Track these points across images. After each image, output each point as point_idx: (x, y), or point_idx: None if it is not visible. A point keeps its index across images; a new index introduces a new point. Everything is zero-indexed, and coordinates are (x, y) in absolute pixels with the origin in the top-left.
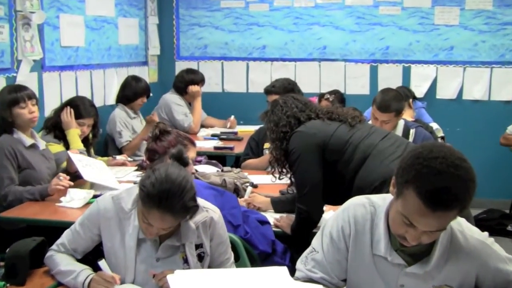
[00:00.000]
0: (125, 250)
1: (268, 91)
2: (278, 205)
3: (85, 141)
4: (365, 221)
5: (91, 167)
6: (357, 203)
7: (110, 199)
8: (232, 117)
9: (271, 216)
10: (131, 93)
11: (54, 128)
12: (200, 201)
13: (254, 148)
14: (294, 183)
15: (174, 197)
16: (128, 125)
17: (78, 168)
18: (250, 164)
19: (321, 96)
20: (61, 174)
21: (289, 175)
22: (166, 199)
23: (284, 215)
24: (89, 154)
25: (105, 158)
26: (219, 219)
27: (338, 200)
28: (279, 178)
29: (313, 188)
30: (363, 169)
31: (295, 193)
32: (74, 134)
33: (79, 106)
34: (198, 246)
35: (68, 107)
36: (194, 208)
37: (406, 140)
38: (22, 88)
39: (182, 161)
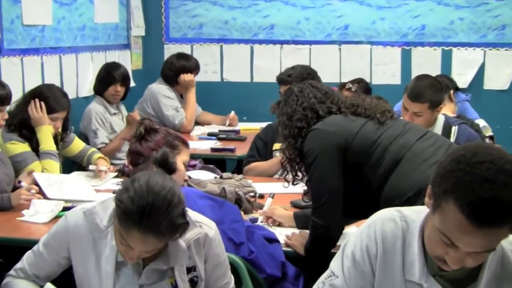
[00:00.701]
0: (101, 276)
1: (283, 80)
2: (302, 220)
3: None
4: (396, 239)
5: (62, 184)
6: (386, 217)
7: (81, 214)
8: (232, 112)
9: (281, 233)
10: (100, 81)
11: (21, 126)
12: (192, 214)
13: (261, 149)
14: (309, 191)
15: (158, 214)
16: (106, 122)
17: (43, 188)
18: (256, 168)
19: (342, 86)
20: (32, 186)
21: (305, 179)
22: (148, 217)
23: (297, 231)
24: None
25: (97, 155)
26: (215, 235)
27: (362, 213)
28: (293, 184)
29: (331, 197)
30: (394, 176)
31: None
32: (47, 132)
33: (49, 98)
34: (190, 269)
35: (37, 101)
36: (183, 226)
37: (449, 141)
38: (4, 84)
39: (168, 167)
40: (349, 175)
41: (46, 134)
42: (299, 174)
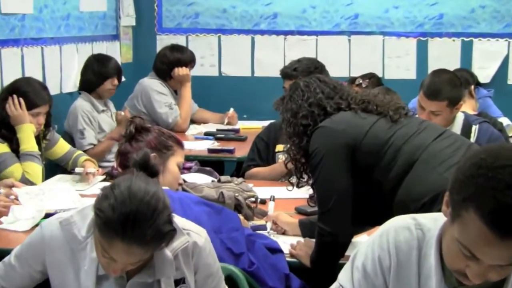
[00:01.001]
0: None
1: (287, 74)
2: (308, 227)
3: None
4: (411, 250)
5: (44, 195)
6: (400, 225)
7: (57, 224)
8: (231, 110)
9: (285, 242)
10: (95, 75)
11: (0, 125)
12: (179, 221)
13: (263, 151)
14: (315, 195)
15: (143, 222)
16: (94, 121)
17: (23, 203)
18: (258, 174)
19: (351, 81)
20: (12, 191)
21: (310, 182)
22: (132, 226)
23: (302, 240)
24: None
25: (84, 157)
26: (205, 244)
27: (373, 220)
28: (298, 186)
29: (339, 201)
30: (408, 179)
31: None
32: (28, 131)
33: (29, 92)
34: (179, 282)
35: (15, 97)
36: (170, 234)
37: (468, 141)
38: None
39: (150, 170)
40: (358, 178)
41: (27, 134)
42: (304, 176)
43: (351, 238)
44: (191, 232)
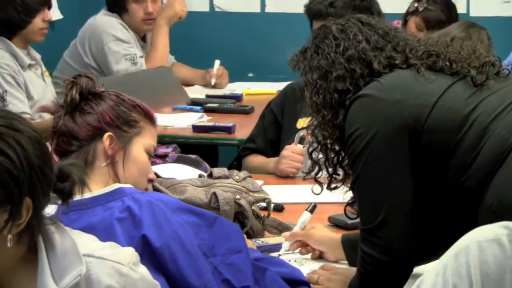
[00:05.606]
0: None
1: (320, 13)
2: (355, 248)
3: None
4: (502, 274)
5: None
6: (485, 237)
7: None
8: (217, 63)
9: (309, 268)
10: (16, 10)
11: None
12: (82, 240)
13: (269, 129)
14: (356, 201)
15: None
16: (19, 80)
17: None
18: (250, 164)
19: (407, 14)
20: None
21: (349, 184)
22: None
23: (343, 266)
24: None
25: None
26: (125, 281)
27: (445, 241)
28: (329, 188)
29: (395, 212)
30: (501, 175)
31: None
32: None
33: None
34: None
35: None
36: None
37: None
38: None
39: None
40: (423, 174)
41: None
42: (340, 171)
43: (412, 267)
44: (100, 260)
